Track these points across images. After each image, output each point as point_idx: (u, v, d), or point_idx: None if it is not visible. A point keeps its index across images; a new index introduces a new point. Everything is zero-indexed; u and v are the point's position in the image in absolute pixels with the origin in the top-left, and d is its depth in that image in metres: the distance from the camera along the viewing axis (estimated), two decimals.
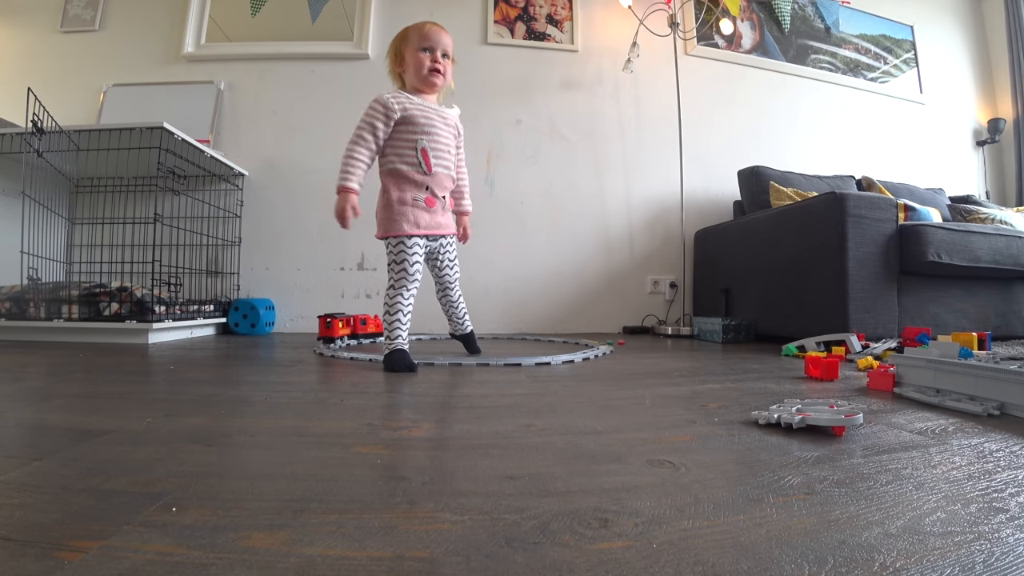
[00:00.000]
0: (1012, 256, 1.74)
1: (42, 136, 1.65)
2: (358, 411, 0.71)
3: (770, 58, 2.76)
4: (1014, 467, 0.48)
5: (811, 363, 1.04)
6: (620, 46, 2.51)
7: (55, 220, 1.77)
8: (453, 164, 1.31)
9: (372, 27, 2.42)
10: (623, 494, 0.41)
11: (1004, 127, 3.09)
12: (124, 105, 2.33)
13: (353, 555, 0.31)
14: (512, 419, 0.67)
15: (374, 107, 1.21)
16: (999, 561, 0.31)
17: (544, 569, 0.30)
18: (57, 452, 0.51)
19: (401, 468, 0.48)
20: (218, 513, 0.37)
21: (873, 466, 0.49)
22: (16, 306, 1.70)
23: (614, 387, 0.93)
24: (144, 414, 0.68)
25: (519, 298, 2.34)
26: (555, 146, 2.49)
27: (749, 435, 0.60)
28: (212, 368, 1.14)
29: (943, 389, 0.80)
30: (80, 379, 0.97)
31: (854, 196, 1.62)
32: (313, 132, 2.37)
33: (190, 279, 2.11)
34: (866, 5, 3.00)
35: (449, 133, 1.30)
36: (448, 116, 1.31)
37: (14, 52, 2.46)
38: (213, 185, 2.20)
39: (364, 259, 2.36)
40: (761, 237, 1.99)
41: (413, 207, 1.23)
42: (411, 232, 1.22)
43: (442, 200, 1.27)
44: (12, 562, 0.30)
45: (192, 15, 2.40)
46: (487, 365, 1.20)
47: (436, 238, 1.29)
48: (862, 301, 1.60)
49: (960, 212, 2.28)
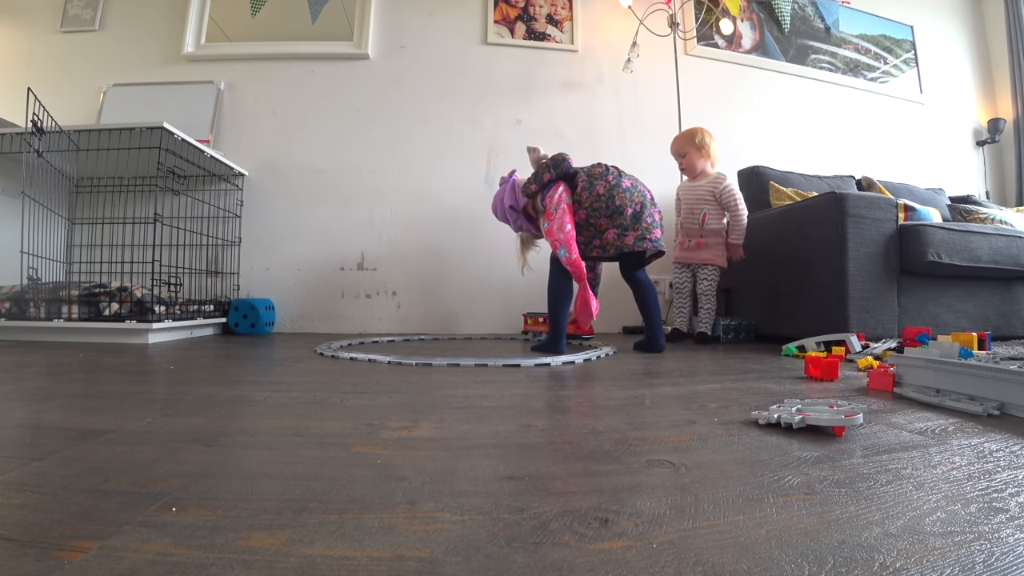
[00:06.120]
0: (1012, 256, 1.74)
1: (42, 136, 1.65)
2: (358, 411, 0.71)
3: (770, 58, 2.76)
4: (1014, 467, 0.48)
5: (811, 363, 1.04)
6: (620, 46, 2.50)
7: (55, 220, 1.77)
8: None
9: (372, 27, 2.42)
10: (623, 494, 0.41)
11: (1004, 127, 3.09)
12: (124, 105, 2.34)
13: (353, 555, 0.31)
14: (512, 419, 0.67)
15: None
16: (999, 561, 0.31)
17: (544, 569, 0.30)
18: (57, 452, 0.51)
19: (401, 468, 0.48)
20: (218, 513, 0.37)
21: (873, 466, 0.49)
22: (16, 306, 1.70)
23: (614, 387, 0.93)
24: (144, 414, 0.68)
25: (520, 298, 2.34)
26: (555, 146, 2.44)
27: (749, 435, 0.60)
28: (212, 368, 1.14)
29: (943, 389, 0.80)
30: (80, 379, 0.96)
31: (854, 196, 1.62)
32: (313, 132, 2.37)
33: (190, 279, 2.11)
34: (866, 5, 3.00)
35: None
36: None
37: (14, 52, 2.46)
38: (213, 185, 2.20)
39: (364, 259, 2.36)
40: (761, 237, 1.99)
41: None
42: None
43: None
44: (12, 562, 0.30)
45: (192, 15, 2.40)
46: (486, 365, 1.20)
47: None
48: (862, 301, 1.60)
49: (960, 212, 2.28)
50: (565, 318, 1.49)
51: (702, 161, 1.93)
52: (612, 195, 1.44)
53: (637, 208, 1.46)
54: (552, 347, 1.46)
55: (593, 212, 1.46)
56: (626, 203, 1.44)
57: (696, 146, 1.92)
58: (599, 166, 1.50)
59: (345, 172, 2.37)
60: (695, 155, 1.93)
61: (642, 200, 1.48)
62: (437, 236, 2.39)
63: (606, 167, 1.50)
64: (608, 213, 1.45)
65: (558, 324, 1.47)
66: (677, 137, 2.01)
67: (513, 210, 1.60)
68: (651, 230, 1.48)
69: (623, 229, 1.46)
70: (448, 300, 2.38)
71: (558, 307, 1.48)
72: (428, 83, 2.45)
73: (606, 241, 1.47)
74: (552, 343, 1.46)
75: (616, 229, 1.46)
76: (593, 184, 1.46)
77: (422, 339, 1.98)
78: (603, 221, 1.46)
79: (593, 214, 1.46)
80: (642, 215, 1.47)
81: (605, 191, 1.44)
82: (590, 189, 1.46)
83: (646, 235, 1.47)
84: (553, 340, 1.47)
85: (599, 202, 1.45)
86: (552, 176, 1.49)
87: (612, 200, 1.44)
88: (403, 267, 2.36)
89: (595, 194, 1.45)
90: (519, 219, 1.62)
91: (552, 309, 1.49)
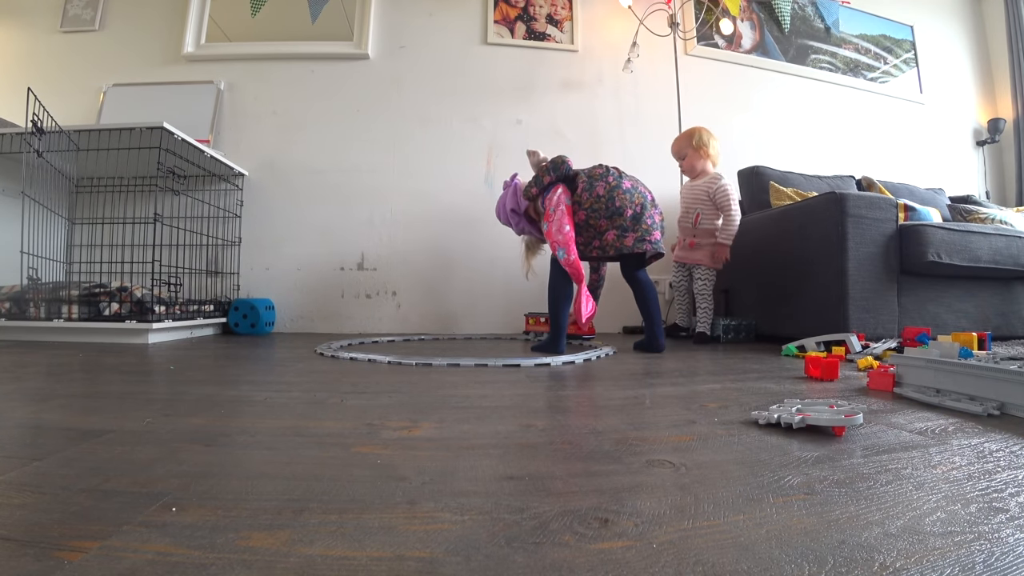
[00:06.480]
0: (1012, 256, 1.74)
1: (42, 136, 1.65)
2: (358, 411, 0.71)
3: (770, 58, 2.76)
4: (1014, 467, 0.48)
5: (811, 363, 1.04)
6: (620, 46, 2.51)
7: (55, 220, 1.77)
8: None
9: (372, 27, 2.42)
10: (623, 494, 0.41)
11: (1004, 127, 3.09)
12: (124, 105, 2.33)
13: (353, 555, 0.31)
14: (512, 419, 0.67)
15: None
16: (999, 561, 0.31)
17: (544, 569, 0.30)
18: (57, 452, 0.51)
19: (401, 468, 0.48)
20: (218, 513, 0.37)
21: (873, 466, 0.49)
22: (16, 306, 1.70)
23: (614, 387, 0.93)
24: (144, 414, 0.68)
25: (520, 298, 2.34)
26: (555, 146, 2.48)
27: (749, 435, 0.60)
28: (212, 368, 1.14)
29: (943, 389, 0.80)
30: (80, 379, 0.96)
31: (854, 196, 1.62)
32: (313, 132, 2.37)
33: (190, 279, 2.11)
34: (866, 5, 3.00)
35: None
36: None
37: (14, 52, 2.46)
38: (213, 185, 2.20)
39: (364, 259, 2.36)
40: (761, 237, 1.99)
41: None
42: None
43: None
44: (12, 562, 0.30)
45: (192, 15, 2.40)
46: (486, 365, 1.20)
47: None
48: (862, 301, 1.59)
49: (960, 212, 2.28)
50: (565, 318, 1.49)
51: (701, 161, 1.93)
52: (612, 196, 1.44)
53: (637, 209, 1.46)
54: (552, 347, 1.46)
55: (593, 213, 1.46)
56: (626, 204, 1.45)
57: (694, 147, 1.92)
58: (600, 167, 1.50)
59: (345, 172, 2.37)
60: (694, 156, 1.93)
61: (642, 201, 1.48)
62: (437, 236, 2.39)
63: (607, 168, 1.50)
64: (608, 214, 1.45)
65: (558, 324, 1.47)
66: (676, 139, 2.01)
67: (515, 214, 1.61)
68: (651, 232, 1.48)
69: (623, 230, 1.46)
70: (448, 300, 2.38)
71: (558, 307, 1.48)
72: (428, 83, 2.45)
73: (606, 242, 1.47)
74: (552, 343, 1.47)
75: (616, 230, 1.46)
76: (593, 185, 1.46)
77: (422, 339, 1.98)
78: (603, 222, 1.46)
79: (593, 215, 1.46)
80: (642, 216, 1.47)
81: (605, 192, 1.44)
82: (590, 190, 1.46)
83: (646, 237, 1.47)
84: (553, 340, 1.47)
85: (599, 203, 1.45)
86: (552, 179, 1.49)
87: (612, 201, 1.44)
88: (403, 267, 2.36)
89: (595, 195, 1.45)
90: (521, 222, 1.63)
91: (552, 309, 1.49)
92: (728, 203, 1.83)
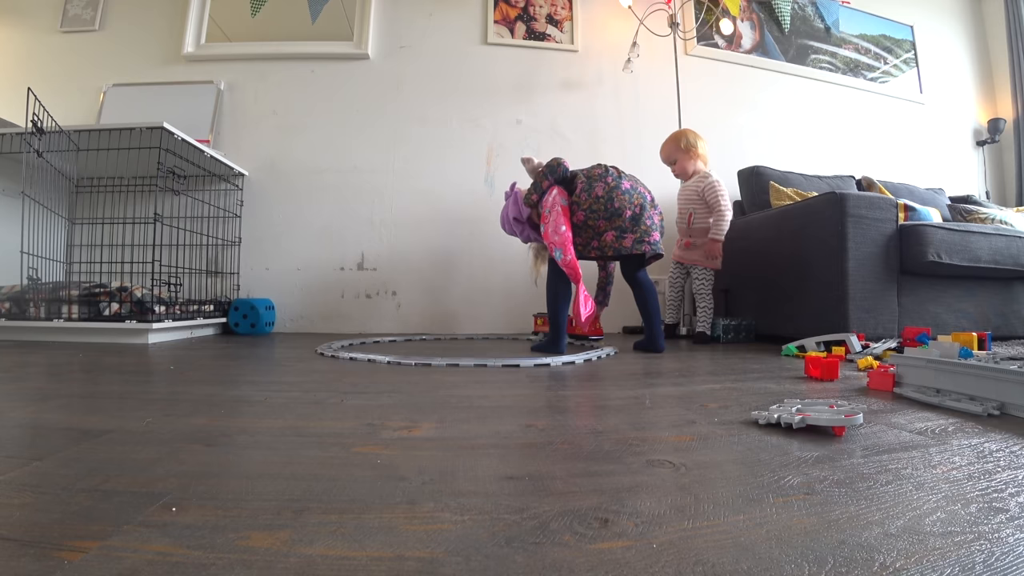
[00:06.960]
0: (1012, 256, 1.74)
1: (42, 136, 1.65)
2: (358, 411, 0.71)
3: (770, 58, 2.76)
4: (1014, 467, 0.48)
5: (811, 363, 1.04)
6: (620, 46, 2.51)
7: (55, 220, 1.77)
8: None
9: (372, 27, 2.42)
10: (623, 494, 0.41)
11: (1004, 127, 3.09)
12: (124, 105, 2.34)
13: (353, 555, 0.31)
14: (512, 419, 0.67)
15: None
16: (999, 561, 0.31)
17: (544, 569, 0.30)
18: (57, 452, 0.51)
19: (401, 468, 0.48)
20: (218, 513, 0.37)
21: (873, 466, 0.49)
22: (16, 306, 1.70)
23: (614, 387, 0.93)
24: (144, 414, 0.68)
25: (520, 298, 2.34)
26: (555, 146, 2.48)
27: (749, 435, 0.60)
28: (212, 368, 1.14)
29: (943, 389, 0.80)
30: (80, 379, 0.96)
31: (854, 196, 1.62)
32: (313, 132, 2.37)
33: (190, 279, 2.11)
34: (866, 5, 3.00)
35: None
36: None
37: (14, 52, 2.46)
38: (213, 185, 2.20)
39: (364, 259, 2.36)
40: (761, 237, 1.99)
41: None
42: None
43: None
44: (12, 562, 0.30)
45: (192, 15, 2.40)
46: (486, 366, 1.20)
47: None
48: (862, 301, 1.60)
49: (960, 212, 2.28)
50: (564, 319, 1.49)
51: (692, 163, 1.94)
52: (611, 197, 1.44)
53: (636, 210, 1.46)
54: (552, 347, 1.46)
55: (592, 214, 1.46)
56: (625, 205, 1.44)
57: (683, 150, 1.93)
58: (599, 167, 1.50)
59: (345, 172, 2.37)
60: (684, 159, 1.94)
61: (642, 202, 1.47)
62: (437, 236, 2.39)
63: (606, 168, 1.50)
64: (607, 215, 1.45)
65: (558, 324, 1.47)
66: (663, 145, 2.01)
67: (518, 222, 1.61)
68: (650, 232, 1.48)
69: (621, 231, 1.46)
70: (448, 300, 2.38)
71: (557, 308, 1.48)
72: (428, 83, 2.45)
73: (604, 243, 1.47)
74: (552, 343, 1.46)
75: (615, 231, 1.46)
76: (592, 186, 1.46)
77: (422, 339, 1.98)
78: (602, 223, 1.46)
79: (592, 216, 1.46)
80: (641, 217, 1.47)
81: (604, 193, 1.44)
82: (589, 191, 1.46)
83: (644, 238, 1.47)
84: (553, 340, 1.47)
85: (598, 204, 1.45)
86: (550, 182, 1.49)
87: (611, 202, 1.44)
88: (403, 267, 2.36)
89: (594, 196, 1.45)
90: (525, 230, 1.62)
91: (551, 309, 1.49)
92: (717, 199, 1.83)
